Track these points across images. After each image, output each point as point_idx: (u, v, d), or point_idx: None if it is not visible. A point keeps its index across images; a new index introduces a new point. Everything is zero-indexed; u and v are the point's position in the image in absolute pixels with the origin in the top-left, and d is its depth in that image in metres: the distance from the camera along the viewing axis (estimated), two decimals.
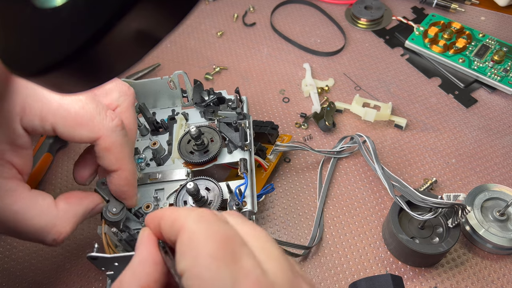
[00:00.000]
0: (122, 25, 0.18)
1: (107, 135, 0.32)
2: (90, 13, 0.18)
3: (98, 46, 0.18)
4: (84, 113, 0.31)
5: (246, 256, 0.22)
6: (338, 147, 0.49)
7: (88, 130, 0.31)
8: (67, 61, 0.19)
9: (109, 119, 0.32)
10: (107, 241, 0.35)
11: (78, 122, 0.31)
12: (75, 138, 0.31)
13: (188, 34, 0.64)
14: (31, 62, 0.21)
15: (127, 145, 0.34)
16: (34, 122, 0.30)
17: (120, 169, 0.34)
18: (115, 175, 0.34)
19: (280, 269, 0.22)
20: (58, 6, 0.20)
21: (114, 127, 0.32)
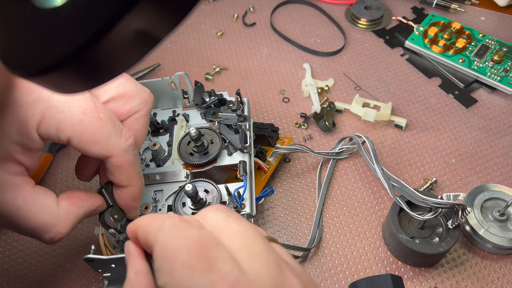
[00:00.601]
0: (122, 25, 0.18)
1: (120, 154, 0.33)
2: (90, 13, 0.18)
3: (98, 46, 0.18)
4: (101, 132, 0.32)
5: (222, 258, 0.21)
6: (337, 148, 0.49)
7: (103, 148, 0.32)
8: (67, 61, 0.19)
9: (124, 139, 0.33)
10: (104, 242, 0.35)
11: (95, 140, 0.31)
12: (88, 153, 0.32)
13: (188, 34, 0.64)
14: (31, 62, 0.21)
15: (138, 163, 0.34)
16: (50, 131, 0.30)
17: (130, 185, 0.34)
18: (124, 190, 0.35)
19: (262, 267, 0.22)
20: (58, 6, 0.20)
21: (128, 147, 0.33)
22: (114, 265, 0.33)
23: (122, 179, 0.34)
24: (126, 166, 0.33)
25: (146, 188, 0.41)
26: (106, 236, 0.36)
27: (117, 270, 0.34)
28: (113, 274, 0.35)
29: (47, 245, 0.45)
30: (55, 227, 0.31)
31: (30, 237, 0.32)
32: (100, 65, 0.20)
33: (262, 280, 0.21)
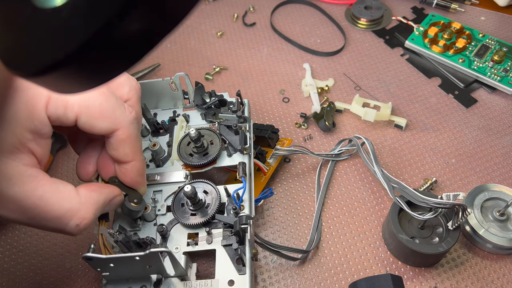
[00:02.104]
0: (122, 25, 0.18)
1: (126, 127, 0.33)
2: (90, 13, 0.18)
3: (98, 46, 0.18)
4: (107, 106, 0.32)
5: None
6: (337, 149, 0.49)
7: (110, 122, 0.32)
8: (67, 62, 0.19)
9: (128, 112, 0.34)
10: (103, 242, 0.35)
11: (102, 114, 0.32)
12: (96, 129, 0.32)
13: (188, 34, 0.64)
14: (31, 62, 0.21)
15: (139, 139, 0.35)
16: (59, 110, 0.31)
17: (135, 159, 0.35)
18: (128, 166, 0.35)
19: None
20: (58, 6, 0.20)
21: (132, 119, 0.34)
22: (112, 265, 0.33)
23: (127, 154, 0.34)
24: (131, 139, 0.34)
25: (146, 189, 0.41)
26: (105, 236, 0.36)
27: (115, 270, 0.34)
28: (112, 273, 0.35)
29: (48, 245, 0.45)
30: (79, 212, 0.31)
31: (56, 232, 0.31)
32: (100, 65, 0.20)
33: None
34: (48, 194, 0.30)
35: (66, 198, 0.31)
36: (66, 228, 0.31)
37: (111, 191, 0.35)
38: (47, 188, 0.30)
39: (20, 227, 0.46)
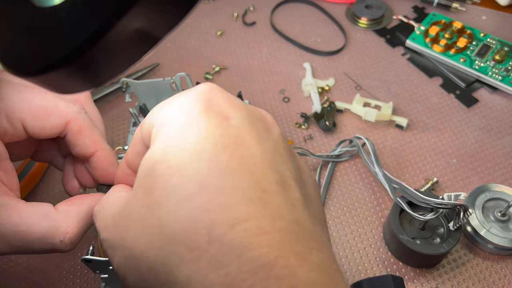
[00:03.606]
0: (121, 25, 0.18)
1: (75, 117, 0.32)
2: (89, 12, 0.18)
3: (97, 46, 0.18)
4: (48, 103, 0.31)
5: None
6: (337, 150, 0.49)
7: (57, 116, 0.31)
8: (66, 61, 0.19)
9: (71, 104, 0.32)
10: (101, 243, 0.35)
11: (46, 112, 0.31)
12: (47, 128, 0.31)
13: (188, 34, 0.64)
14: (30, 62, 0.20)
15: (96, 129, 0.33)
16: (2, 122, 0.30)
17: (98, 149, 0.33)
18: (95, 158, 0.33)
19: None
20: (56, 5, 0.19)
21: (79, 109, 0.32)
22: (111, 267, 0.32)
23: (88, 144, 0.32)
24: (86, 128, 0.32)
25: None
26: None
27: (114, 272, 0.33)
28: (111, 275, 0.34)
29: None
30: (60, 228, 0.30)
31: (49, 253, 0.30)
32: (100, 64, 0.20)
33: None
34: (24, 220, 0.29)
35: (43, 218, 0.29)
36: (54, 247, 0.30)
37: (95, 199, 0.32)
38: (22, 213, 0.29)
39: None
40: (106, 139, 0.35)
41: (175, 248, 0.20)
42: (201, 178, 0.20)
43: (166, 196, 0.21)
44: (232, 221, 0.19)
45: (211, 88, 0.24)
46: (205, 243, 0.19)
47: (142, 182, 0.22)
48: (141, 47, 0.20)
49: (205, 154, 0.21)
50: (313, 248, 0.20)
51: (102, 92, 0.55)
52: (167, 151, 0.22)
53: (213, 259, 0.18)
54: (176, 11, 0.19)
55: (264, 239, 0.18)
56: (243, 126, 0.22)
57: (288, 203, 0.21)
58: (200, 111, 0.22)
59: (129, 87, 0.45)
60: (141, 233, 0.21)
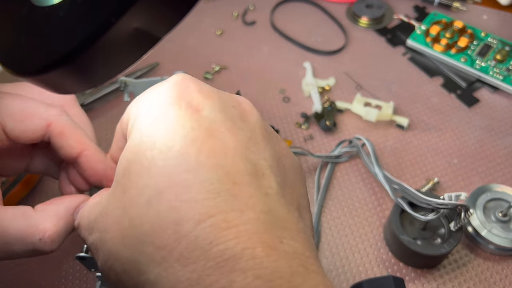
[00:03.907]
0: (121, 24, 0.18)
1: (57, 120, 0.31)
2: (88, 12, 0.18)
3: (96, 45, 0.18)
4: (27, 105, 0.31)
5: None
6: (337, 151, 0.49)
7: (37, 119, 0.31)
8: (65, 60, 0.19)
9: (52, 107, 0.32)
10: None
11: (26, 115, 0.30)
12: (28, 131, 0.31)
13: (188, 33, 0.64)
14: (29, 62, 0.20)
15: (80, 129, 0.33)
16: None
17: (84, 149, 0.32)
18: (82, 158, 0.32)
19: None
20: (55, 4, 0.19)
21: (60, 112, 0.32)
22: None
23: (72, 145, 0.31)
24: (68, 129, 0.31)
25: None
26: None
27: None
28: None
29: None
30: (39, 226, 0.29)
31: (31, 256, 0.30)
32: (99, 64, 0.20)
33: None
34: (1, 222, 0.28)
35: (21, 217, 0.29)
36: (34, 247, 0.29)
37: (74, 199, 0.31)
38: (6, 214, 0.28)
39: None
40: (96, 141, 0.34)
41: (145, 248, 0.20)
42: (168, 175, 0.20)
43: (137, 196, 0.21)
44: (198, 217, 0.19)
45: (183, 79, 0.24)
46: (172, 241, 0.19)
47: (119, 181, 0.22)
48: (140, 47, 0.20)
49: (173, 149, 0.21)
50: (284, 237, 0.19)
51: (101, 92, 0.55)
52: (139, 148, 0.22)
53: (180, 257, 0.19)
54: (176, 10, 0.19)
55: (231, 233, 0.18)
56: (215, 116, 0.22)
57: (261, 192, 0.20)
58: (171, 104, 0.22)
59: (127, 86, 0.44)
60: (116, 234, 0.21)
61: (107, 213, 0.23)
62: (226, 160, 0.20)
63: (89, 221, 0.25)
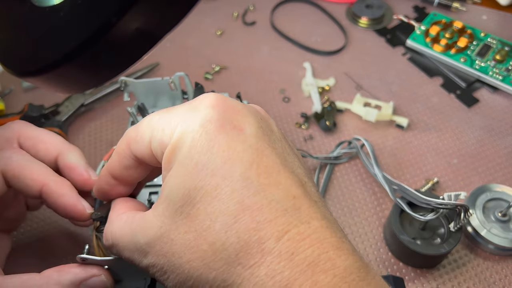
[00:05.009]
0: (121, 24, 0.18)
1: (5, 164, 0.31)
2: (89, 12, 0.18)
3: (97, 45, 0.18)
4: None
5: None
6: (336, 152, 0.49)
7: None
8: (66, 61, 0.19)
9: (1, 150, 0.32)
10: (98, 243, 0.35)
11: None
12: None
13: (188, 33, 0.64)
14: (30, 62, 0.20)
15: (35, 164, 0.32)
16: None
17: (42, 185, 0.31)
18: (43, 195, 0.31)
19: None
20: (56, 5, 0.19)
21: (9, 155, 0.32)
22: (107, 267, 0.32)
23: (28, 184, 0.31)
24: (19, 170, 0.31)
25: (142, 190, 0.41)
26: (100, 238, 0.35)
27: (110, 271, 0.33)
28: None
29: (46, 247, 0.44)
30: None
31: None
32: (100, 64, 0.20)
33: None
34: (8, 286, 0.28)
35: (27, 282, 0.29)
36: None
37: (82, 271, 0.30)
38: (5, 284, 0.29)
39: (17, 234, 0.46)
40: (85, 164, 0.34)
41: (233, 269, 0.22)
42: (239, 199, 0.22)
43: (210, 221, 0.22)
44: (276, 234, 0.22)
45: (217, 100, 0.25)
46: (259, 259, 0.22)
47: (180, 208, 0.23)
48: (141, 47, 0.20)
49: (235, 174, 0.22)
50: (342, 236, 0.23)
51: (102, 91, 0.55)
52: (198, 176, 0.23)
53: (268, 270, 0.21)
54: (176, 10, 0.19)
55: (306, 243, 0.22)
56: (256, 133, 0.24)
57: (312, 200, 0.24)
58: (217, 129, 0.23)
59: (127, 86, 0.44)
60: (193, 258, 0.23)
61: (172, 238, 0.24)
62: (280, 177, 0.23)
63: (138, 245, 0.25)
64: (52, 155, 0.34)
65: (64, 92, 0.22)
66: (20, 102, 0.55)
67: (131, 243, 0.26)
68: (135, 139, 0.26)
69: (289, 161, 0.25)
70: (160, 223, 0.24)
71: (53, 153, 0.34)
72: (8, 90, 0.57)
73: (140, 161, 0.27)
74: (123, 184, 0.30)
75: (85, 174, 0.33)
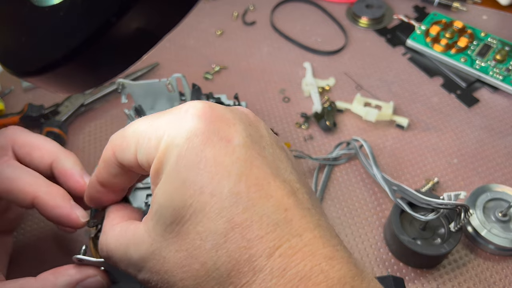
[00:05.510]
0: (121, 24, 0.17)
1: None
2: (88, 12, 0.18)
3: (97, 45, 0.18)
4: None
5: None
6: (334, 153, 0.49)
7: None
8: (65, 60, 0.19)
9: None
10: (94, 246, 0.35)
11: None
12: None
13: (187, 33, 0.64)
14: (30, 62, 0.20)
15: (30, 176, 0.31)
16: None
17: (34, 197, 0.31)
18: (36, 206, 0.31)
19: None
20: (56, 4, 0.19)
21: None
22: (103, 268, 0.32)
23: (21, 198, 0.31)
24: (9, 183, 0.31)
25: (139, 192, 0.41)
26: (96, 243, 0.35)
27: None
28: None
29: (45, 248, 0.44)
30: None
31: None
32: (99, 64, 0.20)
33: None
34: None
35: (23, 286, 0.29)
36: None
37: (78, 272, 0.30)
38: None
39: (17, 236, 0.46)
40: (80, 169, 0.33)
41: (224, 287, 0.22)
42: (228, 217, 0.22)
43: (201, 240, 0.22)
44: (268, 251, 0.21)
45: (203, 109, 0.24)
46: (250, 277, 0.21)
47: (169, 227, 0.23)
48: (141, 47, 0.20)
49: (223, 190, 0.22)
50: (336, 244, 0.23)
51: (101, 92, 0.55)
52: (185, 193, 0.22)
53: (260, 287, 0.21)
54: (176, 10, 0.19)
55: (298, 257, 0.21)
56: (244, 142, 0.23)
57: (305, 210, 0.23)
58: (203, 142, 0.23)
59: (125, 88, 0.44)
60: (186, 277, 0.23)
61: (164, 256, 0.23)
62: (271, 189, 0.22)
63: (132, 260, 0.25)
64: (47, 161, 0.33)
65: (64, 92, 0.22)
66: (20, 102, 0.55)
67: (124, 257, 0.26)
68: (121, 147, 0.26)
69: (281, 167, 0.24)
70: (151, 240, 0.24)
71: (48, 159, 0.33)
72: (8, 90, 0.57)
73: (126, 168, 0.26)
74: (113, 192, 0.29)
75: (80, 180, 0.33)
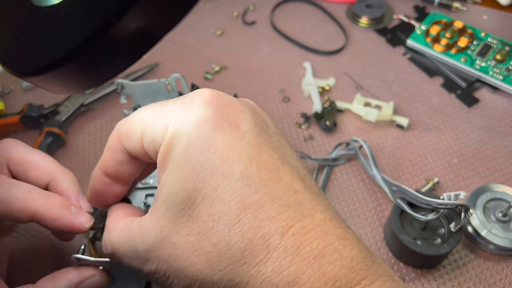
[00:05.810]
0: (121, 24, 0.17)
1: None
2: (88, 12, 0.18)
3: (97, 45, 0.18)
4: None
5: None
6: (334, 153, 0.49)
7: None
8: (65, 60, 0.19)
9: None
10: (92, 246, 0.35)
11: None
12: None
13: (187, 33, 0.64)
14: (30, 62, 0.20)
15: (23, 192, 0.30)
16: None
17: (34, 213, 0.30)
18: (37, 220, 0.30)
19: None
20: (56, 4, 0.19)
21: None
22: (102, 268, 0.32)
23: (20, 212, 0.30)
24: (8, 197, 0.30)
25: (138, 192, 0.41)
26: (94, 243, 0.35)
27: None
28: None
29: (45, 249, 0.44)
30: None
31: None
32: (99, 64, 0.20)
33: None
34: None
35: None
36: None
37: (76, 275, 0.30)
38: None
39: (17, 235, 0.46)
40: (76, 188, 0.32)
41: (239, 268, 0.22)
42: (240, 198, 0.22)
43: (213, 222, 0.22)
44: (281, 230, 0.22)
45: (210, 96, 0.24)
46: (264, 255, 0.22)
47: (180, 212, 0.23)
48: (140, 47, 0.20)
49: (235, 172, 0.22)
50: (346, 227, 0.23)
51: (102, 91, 0.55)
52: (197, 177, 0.22)
53: (275, 266, 0.21)
54: (176, 10, 0.19)
55: (311, 236, 0.22)
56: (252, 129, 0.24)
57: (313, 194, 0.23)
58: (213, 127, 0.23)
59: (124, 88, 0.44)
60: (197, 260, 0.23)
61: (173, 243, 0.23)
62: (280, 172, 0.23)
63: (137, 252, 0.25)
64: (43, 181, 0.32)
65: (64, 92, 0.22)
66: (19, 102, 0.55)
67: (130, 251, 0.25)
68: (126, 134, 0.26)
69: (288, 155, 0.25)
70: (160, 227, 0.24)
71: (44, 179, 0.32)
72: (8, 90, 0.57)
73: (132, 156, 0.27)
74: (118, 182, 0.29)
75: (77, 205, 0.32)
